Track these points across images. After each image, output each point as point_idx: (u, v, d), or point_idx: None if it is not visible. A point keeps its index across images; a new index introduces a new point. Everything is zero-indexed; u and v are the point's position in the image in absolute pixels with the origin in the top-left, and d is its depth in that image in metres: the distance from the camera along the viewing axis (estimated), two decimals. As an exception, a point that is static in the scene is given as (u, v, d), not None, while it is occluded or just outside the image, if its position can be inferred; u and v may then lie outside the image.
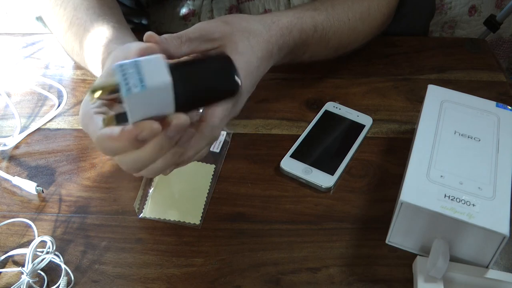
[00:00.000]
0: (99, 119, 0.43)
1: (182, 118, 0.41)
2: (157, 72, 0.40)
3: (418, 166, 0.51)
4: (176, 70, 0.40)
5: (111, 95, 0.41)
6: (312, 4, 0.65)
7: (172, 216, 0.54)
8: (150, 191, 0.57)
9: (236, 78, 0.44)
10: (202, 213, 0.55)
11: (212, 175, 0.59)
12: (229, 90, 0.44)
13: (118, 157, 0.44)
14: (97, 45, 0.55)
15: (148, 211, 0.55)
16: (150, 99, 0.40)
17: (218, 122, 0.46)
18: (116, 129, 0.41)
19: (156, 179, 0.57)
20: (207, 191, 0.57)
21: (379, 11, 0.70)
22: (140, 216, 0.55)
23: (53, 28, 0.66)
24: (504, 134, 0.55)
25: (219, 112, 0.46)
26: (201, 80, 0.42)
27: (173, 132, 0.42)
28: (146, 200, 0.56)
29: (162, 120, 0.41)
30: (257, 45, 0.54)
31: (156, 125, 0.41)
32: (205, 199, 0.56)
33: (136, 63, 0.40)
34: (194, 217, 0.55)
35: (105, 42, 0.55)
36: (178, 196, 0.57)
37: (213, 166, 0.60)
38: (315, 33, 0.63)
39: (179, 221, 0.54)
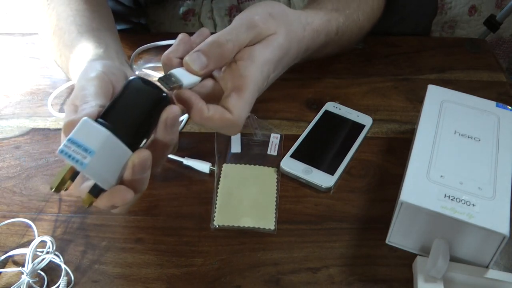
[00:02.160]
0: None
1: (142, 154, 0.42)
2: (93, 134, 0.41)
3: (418, 166, 0.51)
4: (105, 120, 0.42)
5: (74, 178, 0.43)
6: (332, 3, 0.65)
7: (246, 222, 0.54)
8: (215, 199, 0.56)
9: (158, 88, 0.44)
10: (275, 217, 0.55)
11: (276, 178, 0.59)
12: (160, 101, 0.44)
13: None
14: (72, 60, 0.57)
15: (220, 220, 0.54)
16: (105, 158, 0.41)
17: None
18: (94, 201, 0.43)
19: (220, 187, 0.57)
20: (275, 195, 0.57)
21: (378, 8, 0.71)
22: (213, 227, 0.54)
23: (41, 35, 0.67)
24: (504, 134, 0.55)
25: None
26: (132, 113, 0.43)
27: (138, 173, 0.43)
28: (214, 209, 0.55)
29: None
30: (292, 43, 0.54)
31: (126, 193, 0.42)
32: (275, 203, 0.56)
33: (71, 139, 0.41)
34: (268, 222, 0.54)
35: (78, 58, 0.55)
36: (248, 202, 0.56)
37: (275, 169, 0.59)
38: (336, 35, 0.63)
39: (253, 227, 0.54)
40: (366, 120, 0.65)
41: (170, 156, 0.60)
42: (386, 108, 0.68)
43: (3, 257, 0.51)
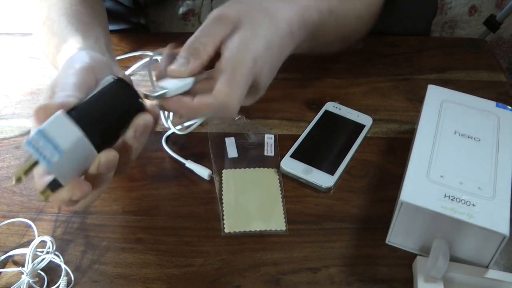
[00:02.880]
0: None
1: (109, 154, 0.42)
2: (65, 131, 0.40)
3: (418, 166, 0.51)
4: (79, 118, 0.41)
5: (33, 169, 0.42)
6: None
7: (257, 226, 0.54)
8: (221, 207, 0.55)
9: (136, 94, 0.45)
10: (284, 218, 0.55)
11: (278, 178, 0.59)
12: (135, 108, 0.44)
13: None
14: (60, 47, 0.56)
15: (230, 226, 0.54)
16: (72, 158, 0.41)
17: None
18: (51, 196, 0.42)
19: (224, 194, 0.57)
20: (280, 196, 0.57)
21: (378, 2, 0.70)
22: (224, 234, 0.53)
23: (32, 28, 0.67)
24: (504, 134, 0.55)
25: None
26: (107, 114, 0.43)
27: (102, 171, 0.42)
28: (222, 216, 0.55)
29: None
30: (278, 23, 0.52)
31: (86, 187, 0.42)
32: (282, 204, 0.56)
33: (42, 132, 0.40)
34: (278, 224, 0.54)
35: (66, 46, 0.55)
36: (254, 205, 0.56)
37: (275, 169, 0.59)
38: (331, 16, 0.61)
39: (265, 230, 0.54)
40: (366, 120, 0.65)
41: (174, 155, 0.60)
42: (386, 108, 0.68)
43: (3, 257, 0.51)
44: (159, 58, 0.49)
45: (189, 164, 0.59)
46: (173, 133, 0.63)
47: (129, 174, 0.60)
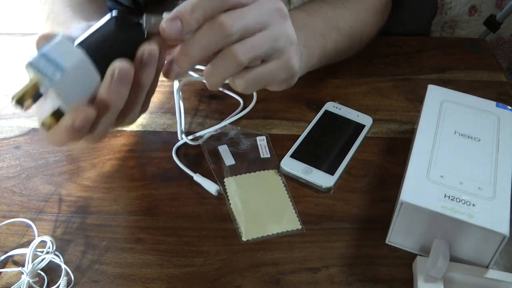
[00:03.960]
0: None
1: (124, 64, 0.40)
2: (67, 52, 0.39)
3: (418, 166, 0.51)
4: (81, 43, 0.40)
5: (36, 99, 0.40)
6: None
7: (274, 229, 0.53)
8: (233, 216, 0.55)
9: (139, 24, 0.43)
10: (297, 216, 0.55)
11: (280, 179, 0.58)
12: (138, 37, 0.43)
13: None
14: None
15: (248, 234, 0.53)
16: (74, 80, 0.39)
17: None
18: (52, 129, 0.41)
19: (232, 205, 0.56)
20: (287, 195, 0.57)
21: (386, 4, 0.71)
22: (243, 242, 0.53)
23: (36, 24, 0.67)
24: (504, 134, 0.55)
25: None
26: (109, 43, 0.42)
27: (115, 84, 0.40)
28: (237, 226, 0.54)
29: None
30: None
31: (89, 110, 0.40)
32: (291, 203, 0.56)
33: (44, 54, 0.39)
34: (293, 223, 0.54)
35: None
36: (265, 209, 0.56)
37: (275, 170, 0.59)
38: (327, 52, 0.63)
39: (282, 232, 0.53)
40: (366, 120, 0.65)
41: (183, 168, 0.59)
42: (386, 108, 0.68)
43: (3, 257, 0.51)
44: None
45: (197, 178, 0.58)
46: (185, 142, 0.63)
47: (129, 174, 0.60)
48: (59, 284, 0.48)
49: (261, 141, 0.63)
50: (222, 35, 0.43)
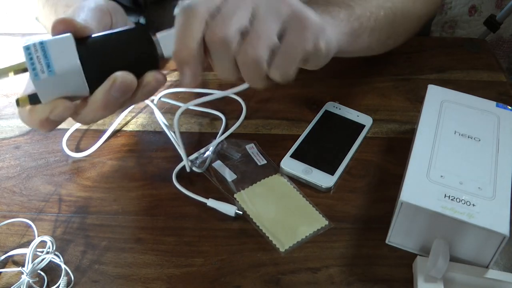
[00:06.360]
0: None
1: (128, 77, 0.39)
2: (66, 55, 0.38)
3: (418, 166, 0.51)
4: (86, 48, 0.39)
5: (19, 73, 0.40)
6: None
7: (304, 232, 0.53)
8: (260, 231, 0.54)
9: (153, 43, 0.41)
10: (320, 213, 0.55)
11: (287, 181, 0.58)
12: (147, 58, 0.41)
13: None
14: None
15: (283, 244, 0.52)
16: (60, 83, 0.38)
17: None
18: (27, 111, 0.40)
19: (255, 220, 0.55)
20: (301, 195, 0.57)
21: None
22: (283, 253, 0.52)
23: (37, 13, 0.65)
24: (504, 134, 0.55)
25: None
26: (114, 54, 0.40)
27: (117, 92, 0.40)
28: (270, 239, 0.53)
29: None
30: None
31: (68, 104, 0.39)
32: (308, 201, 0.56)
33: (43, 45, 0.38)
34: (320, 221, 0.54)
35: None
36: (286, 215, 0.55)
37: (278, 174, 0.59)
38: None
39: (313, 232, 0.53)
40: (366, 120, 0.65)
41: (193, 196, 0.56)
42: (386, 108, 0.68)
43: (3, 257, 0.51)
44: None
45: (211, 203, 0.56)
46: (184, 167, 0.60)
47: (129, 174, 0.60)
48: (59, 284, 0.48)
49: (251, 149, 0.62)
50: (222, 48, 0.41)
